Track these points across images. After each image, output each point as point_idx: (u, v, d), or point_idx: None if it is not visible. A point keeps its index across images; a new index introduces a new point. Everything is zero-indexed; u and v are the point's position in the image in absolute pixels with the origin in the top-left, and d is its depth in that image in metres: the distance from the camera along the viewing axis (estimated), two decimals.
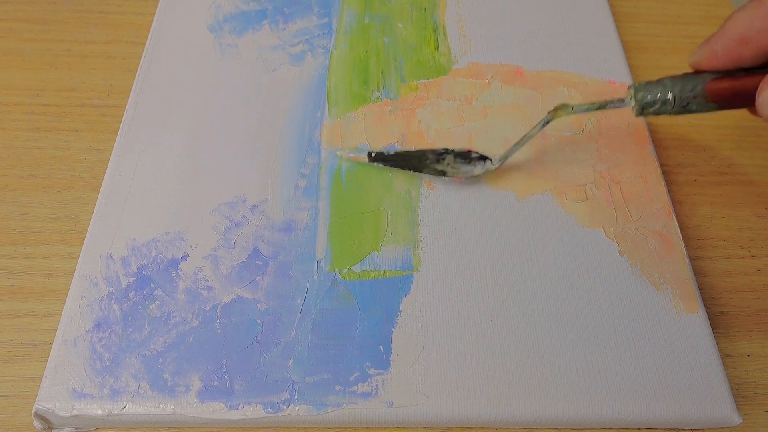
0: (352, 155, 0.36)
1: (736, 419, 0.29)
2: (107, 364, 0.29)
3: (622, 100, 0.32)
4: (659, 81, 0.31)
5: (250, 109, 0.38)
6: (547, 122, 0.33)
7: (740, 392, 0.32)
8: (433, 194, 0.35)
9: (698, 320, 0.31)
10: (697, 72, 0.30)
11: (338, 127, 0.38)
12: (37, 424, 0.28)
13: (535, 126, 0.34)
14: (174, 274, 0.32)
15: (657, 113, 0.31)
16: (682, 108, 0.30)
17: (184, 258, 0.32)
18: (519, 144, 0.34)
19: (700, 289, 0.33)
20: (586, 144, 0.38)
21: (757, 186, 0.39)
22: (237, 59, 0.41)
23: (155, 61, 0.40)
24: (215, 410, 0.28)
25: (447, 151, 0.36)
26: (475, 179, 0.35)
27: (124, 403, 0.28)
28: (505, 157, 0.35)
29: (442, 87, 0.40)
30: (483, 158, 0.36)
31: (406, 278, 0.32)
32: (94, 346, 0.30)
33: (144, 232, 0.33)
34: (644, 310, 0.32)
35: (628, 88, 0.32)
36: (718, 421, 0.29)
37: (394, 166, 0.36)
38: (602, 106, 0.32)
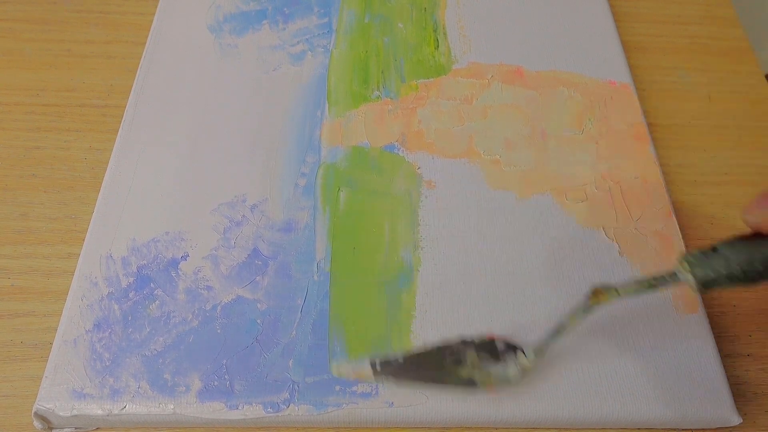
0: (353, 371, 0.29)
1: (736, 419, 0.29)
2: (107, 364, 0.29)
3: (676, 277, 0.27)
4: (716, 251, 0.26)
5: (250, 108, 0.38)
6: (589, 309, 0.28)
7: (740, 392, 0.32)
8: (433, 194, 0.35)
9: (698, 320, 0.31)
10: (759, 235, 0.26)
11: (338, 125, 0.38)
12: (37, 424, 0.28)
13: (575, 314, 0.28)
14: (174, 274, 0.32)
15: (723, 287, 0.26)
16: (752, 280, 0.26)
17: (184, 258, 0.32)
18: (556, 336, 0.28)
19: None
20: (586, 144, 0.38)
21: (757, 186, 0.39)
22: (237, 59, 0.41)
23: (155, 61, 0.40)
24: (215, 410, 0.28)
25: (465, 344, 0.29)
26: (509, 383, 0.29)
27: (124, 403, 0.28)
28: (541, 350, 0.28)
29: (442, 87, 0.40)
30: (511, 348, 0.29)
31: (406, 278, 0.32)
32: (94, 346, 0.30)
33: (144, 232, 0.33)
34: (644, 310, 0.32)
35: (680, 261, 0.27)
36: (717, 421, 0.29)
37: (409, 380, 0.29)
38: (652, 285, 0.27)
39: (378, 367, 0.29)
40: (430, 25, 0.43)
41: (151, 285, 0.31)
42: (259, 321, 0.31)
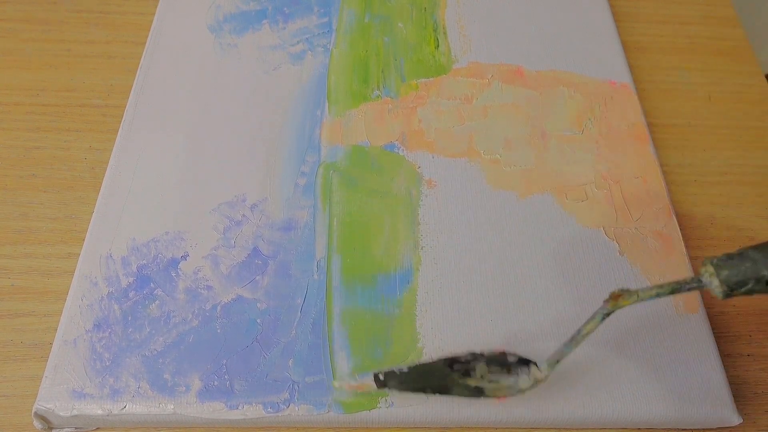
0: (355, 384, 0.29)
1: (736, 419, 0.29)
2: (107, 364, 0.29)
3: (699, 282, 0.25)
4: (742, 254, 0.25)
5: (250, 108, 0.38)
6: (607, 315, 0.26)
7: (740, 392, 0.32)
8: (433, 193, 0.35)
9: (698, 320, 0.31)
10: None
11: (338, 125, 0.38)
12: (37, 424, 0.28)
13: (592, 320, 0.27)
14: (174, 274, 0.32)
15: (750, 293, 0.25)
16: None
17: (184, 258, 0.32)
18: (572, 344, 0.27)
19: None
20: (586, 144, 0.38)
21: (757, 186, 0.39)
22: (237, 59, 0.41)
23: (155, 61, 0.40)
24: (215, 410, 0.28)
25: (476, 357, 0.28)
26: (521, 392, 0.28)
27: (124, 403, 0.28)
28: (556, 361, 0.27)
29: (442, 86, 0.40)
30: (524, 362, 0.28)
31: (406, 277, 0.32)
32: (94, 346, 0.30)
33: (144, 232, 0.33)
34: (644, 310, 0.32)
35: (704, 265, 0.25)
36: (717, 421, 0.29)
37: (414, 391, 0.28)
38: (675, 290, 0.26)
39: (382, 378, 0.28)
40: (430, 25, 0.43)
41: (151, 285, 0.31)
42: (259, 321, 0.31)
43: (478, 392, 0.27)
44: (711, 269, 0.25)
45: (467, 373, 0.28)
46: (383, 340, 0.30)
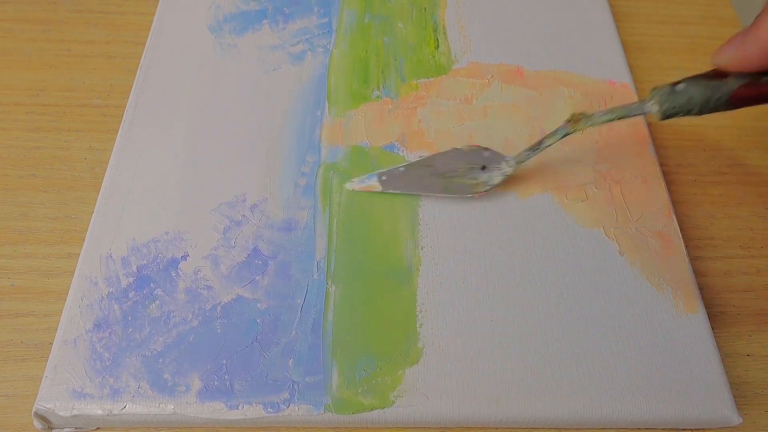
0: (362, 185, 0.35)
1: (736, 419, 0.29)
2: (107, 364, 0.29)
3: (643, 108, 0.31)
4: (683, 89, 0.29)
5: (250, 108, 0.38)
6: (566, 134, 0.32)
7: (740, 392, 0.32)
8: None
9: (698, 320, 0.31)
10: (720, 74, 0.29)
11: (338, 125, 0.38)
12: (37, 424, 0.28)
13: (554, 135, 0.33)
14: (174, 274, 0.32)
15: (677, 117, 0.30)
16: (702, 113, 0.30)
17: (184, 258, 0.32)
18: (534, 152, 0.34)
19: (700, 288, 0.33)
20: (586, 144, 0.38)
21: (757, 186, 0.39)
22: (237, 59, 0.41)
23: (155, 61, 0.40)
24: (215, 410, 0.28)
25: (456, 152, 0.35)
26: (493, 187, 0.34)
27: (124, 403, 0.28)
28: (522, 160, 0.34)
29: (442, 86, 0.40)
30: (495, 157, 0.35)
31: (406, 277, 0.32)
32: (94, 346, 0.30)
33: (144, 232, 0.33)
34: (644, 310, 0.32)
35: (650, 93, 0.30)
36: (718, 421, 0.29)
37: (410, 192, 0.34)
38: (624, 115, 0.31)
39: (384, 178, 0.34)
40: (430, 25, 0.43)
41: (151, 285, 0.31)
42: (259, 321, 0.31)
43: (462, 189, 0.34)
44: (657, 99, 0.30)
45: (452, 173, 0.34)
46: (383, 340, 0.30)
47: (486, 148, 0.35)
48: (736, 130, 0.42)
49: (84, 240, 0.33)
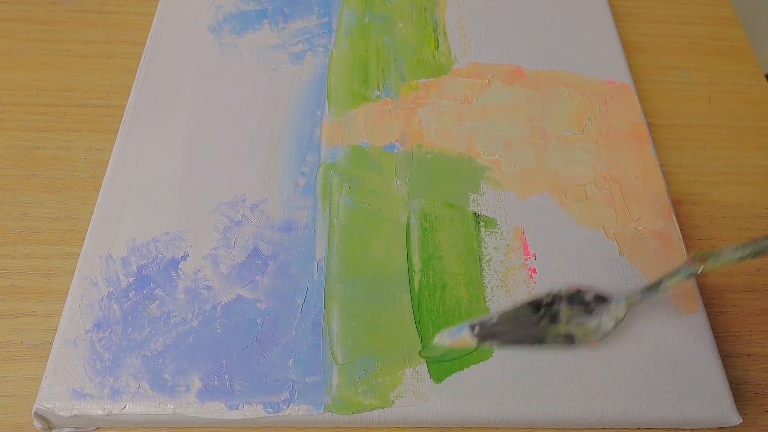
0: (454, 340, 0.30)
1: (736, 419, 0.29)
2: (107, 364, 0.29)
3: None
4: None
5: (250, 108, 0.38)
6: (693, 274, 0.28)
7: (740, 392, 0.32)
8: None
9: (698, 320, 0.31)
10: None
11: (338, 125, 0.38)
12: (37, 424, 0.28)
13: (676, 275, 0.28)
14: (174, 274, 0.32)
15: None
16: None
17: (184, 258, 0.32)
18: (652, 294, 0.29)
19: (700, 289, 0.33)
20: (586, 144, 0.38)
21: (757, 186, 0.39)
22: (237, 59, 0.41)
23: (155, 61, 0.40)
24: (215, 410, 0.28)
25: (555, 298, 0.30)
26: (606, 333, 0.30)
27: (124, 403, 0.28)
28: (634, 302, 0.29)
29: (442, 86, 0.40)
30: (600, 299, 0.30)
31: (406, 278, 0.32)
32: (94, 346, 0.30)
33: (144, 232, 0.33)
34: (644, 310, 0.31)
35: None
36: (717, 421, 0.29)
37: (509, 342, 0.30)
38: (757, 251, 0.27)
39: (477, 331, 0.29)
40: (430, 25, 0.43)
41: (151, 285, 0.31)
42: (259, 321, 0.31)
43: (570, 340, 0.29)
44: None
45: (554, 319, 0.29)
46: (383, 341, 0.30)
47: (586, 289, 0.30)
48: (736, 130, 0.42)
49: (84, 240, 0.33)
